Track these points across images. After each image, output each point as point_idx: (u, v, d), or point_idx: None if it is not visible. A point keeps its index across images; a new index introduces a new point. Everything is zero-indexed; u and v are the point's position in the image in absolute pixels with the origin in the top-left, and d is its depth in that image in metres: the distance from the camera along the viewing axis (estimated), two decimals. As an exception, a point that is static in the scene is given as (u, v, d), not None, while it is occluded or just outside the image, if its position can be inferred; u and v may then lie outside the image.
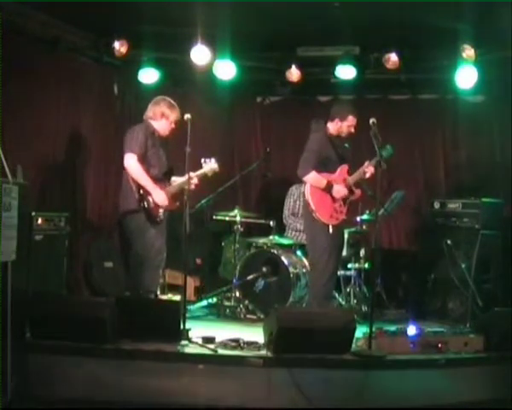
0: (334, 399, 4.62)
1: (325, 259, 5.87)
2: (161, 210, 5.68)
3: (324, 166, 5.97)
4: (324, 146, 6.02)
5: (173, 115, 5.82)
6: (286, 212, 7.82)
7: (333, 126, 6.08)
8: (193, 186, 5.75)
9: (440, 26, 6.11)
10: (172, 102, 5.86)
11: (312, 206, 5.90)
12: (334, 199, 5.96)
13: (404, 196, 7.17)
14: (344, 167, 6.09)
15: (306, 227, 6.14)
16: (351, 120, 6.03)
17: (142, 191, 5.58)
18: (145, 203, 5.58)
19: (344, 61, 7.10)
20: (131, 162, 5.57)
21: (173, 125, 5.85)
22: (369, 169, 5.95)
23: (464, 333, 5.36)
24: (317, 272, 5.95)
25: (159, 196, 5.62)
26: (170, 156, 5.89)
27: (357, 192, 6.17)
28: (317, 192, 5.92)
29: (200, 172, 5.90)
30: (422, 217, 7.55)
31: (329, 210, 5.94)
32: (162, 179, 5.78)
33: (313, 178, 5.92)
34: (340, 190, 5.95)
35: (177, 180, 5.85)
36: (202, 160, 5.96)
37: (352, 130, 6.08)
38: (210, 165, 5.97)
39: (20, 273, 4.58)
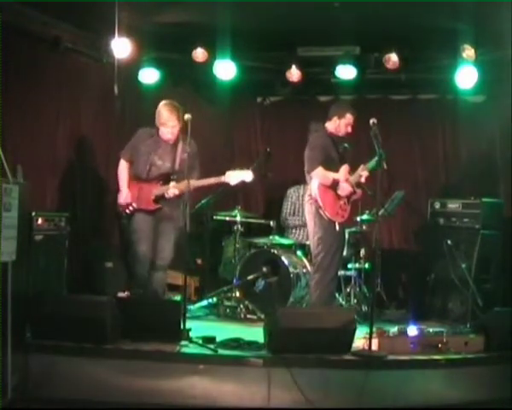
0: (334, 399, 4.62)
1: (330, 257, 5.89)
2: (130, 207, 5.87)
3: (328, 165, 5.98)
4: (326, 144, 6.04)
5: (171, 122, 5.75)
6: (283, 215, 7.79)
7: (331, 125, 6.10)
8: (171, 195, 5.79)
9: (440, 26, 6.11)
10: (174, 107, 5.78)
11: (320, 202, 5.90)
12: (339, 197, 5.99)
13: (405, 196, 7.17)
14: (346, 167, 6.10)
15: (312, 225, 6.02)
16: (349, 118, 6.07)
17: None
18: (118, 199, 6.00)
19: (344, 61, 7.10)
20: (119, 163, 6.00)
21: (175, 131, 5.80)
22: (364, 173, 6.03)
23: (464, 333, 5.36)
24: (321, 270, 5.93)
25: (121, 194, 5.91)
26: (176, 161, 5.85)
27: (359, 192, 6.19)
28: (323, 189, 5.93)
29: (221, 179, 5.81)
30: (422, 217, 7.53)
31: (335, 207, 5.96)
32: (151, 181, 5.87)
33: (321, 174, 5.93)
34: (345, 188, 5.98)
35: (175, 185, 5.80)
36: (227, 173, 5.80)
37: (350, 129, 6.11)
38: (238, 175, 5.84)
39: (20, 273, 4.58)
